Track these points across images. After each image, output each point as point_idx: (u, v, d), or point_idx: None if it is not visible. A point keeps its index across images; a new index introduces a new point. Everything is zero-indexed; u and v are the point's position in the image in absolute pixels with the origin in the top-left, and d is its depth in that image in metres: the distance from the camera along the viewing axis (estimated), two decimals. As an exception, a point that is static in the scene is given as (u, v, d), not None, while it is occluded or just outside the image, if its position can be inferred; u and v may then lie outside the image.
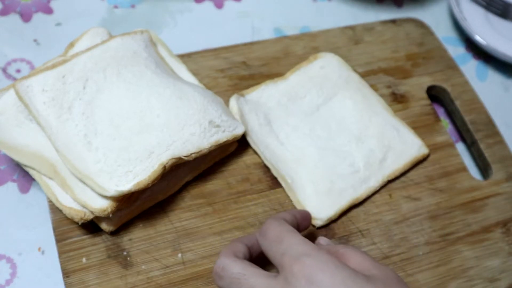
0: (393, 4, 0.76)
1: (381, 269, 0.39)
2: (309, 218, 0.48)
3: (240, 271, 0.39)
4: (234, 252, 0.41)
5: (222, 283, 0.40)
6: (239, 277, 0.39)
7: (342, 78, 0.61)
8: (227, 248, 0.42)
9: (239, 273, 0.39)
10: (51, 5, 0.67)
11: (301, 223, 0.46)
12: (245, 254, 0.42)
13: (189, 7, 0.70)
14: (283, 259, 0.38)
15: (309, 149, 0.55)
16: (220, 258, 0.41)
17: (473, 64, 0.72)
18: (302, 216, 0.47)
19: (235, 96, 0.56)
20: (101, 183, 0.46)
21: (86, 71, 0.50)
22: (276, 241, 0.40)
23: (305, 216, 0.48)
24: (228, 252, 0.41)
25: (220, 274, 0.40)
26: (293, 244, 0.39)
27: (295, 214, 0.46)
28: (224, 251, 0.41)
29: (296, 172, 0.54)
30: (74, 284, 0.46)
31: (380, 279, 0.38)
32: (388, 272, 0.40)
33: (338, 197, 0.53)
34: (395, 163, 0.57)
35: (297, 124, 0.57)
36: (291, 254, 0.38)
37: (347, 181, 0.54)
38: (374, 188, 0.55)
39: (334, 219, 0.53)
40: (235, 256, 0.41)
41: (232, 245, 0.42)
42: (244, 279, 0.38)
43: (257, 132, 0.55)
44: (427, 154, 0.58)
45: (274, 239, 0.40)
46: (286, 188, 0.54)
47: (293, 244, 0.39)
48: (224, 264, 0.40)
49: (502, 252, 0.54)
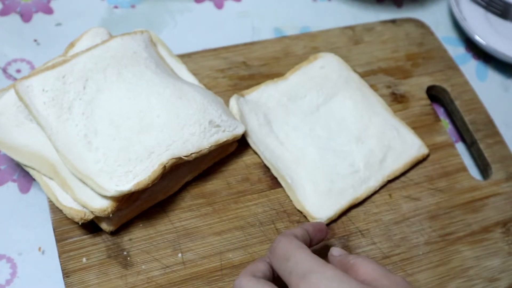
0: (393, 4, 0.76)
1: (391, 279, 0.39)
2: (324, 230, 0.47)
3: None
4: (253, 272, 0.42)
5: None
6: None
7: (342, 78, 0.61)
8: (247, 268, 0.42)
9: None
10: (51, 5, 0.67)
11: (315, 236, 0.46)
12: (266, 272, 0.42)
13: (189, 7, 0.70)
14: (291, 278, 0.39)
15: (309, 149, 0.55)
16: (239, 277, 0.41)
17: (473, 64, 0.72)
18: (315, 228, 0.46)
19: (235, 96, 0.56)
20: (101, 183, 0.46)
21: (86, 71, 0.51)
22: (284, 258, 0.40)
23: (319, 228, 0.47)
24: (246, 272, 0.42)
25: None
26: (299, 261, 0.39)
27: (307, 228, 0.46)
28: (244, 270, 0.42)
29: (296, 172, 0.54)
30: (74, 284, 0.47)
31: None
32: (399, 282, 0.39)
33: (338, 197, 0.53)
34: (395, 163, 0.57)
35: (297, 124, 0.57)
36: (297, 272, 0.39)
37: (347, 181, 0.54)
38: (374, 188, 0.55)
39: (334, 219, 0.53)
40: (252, 276, 0.41)
41: (253, 265, 0.43)
42: None
43: (257, 132, 0.55)
44: (427, 154, 0.58)
45: (282, 257, 0.41)
46: (286, 188, 0.54)
47: (299, 261, 0.39)
48: (240, 284, 0.41)
49: (501, 252, 0.54)
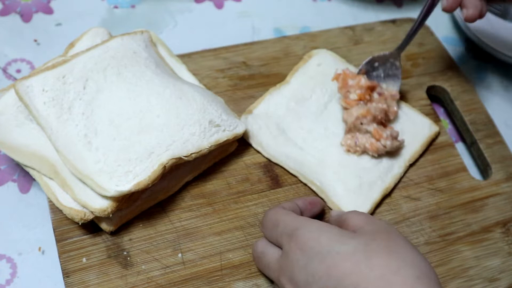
0: (393, 4, 0.76)
1: (374, 224, 0.43)
2: (315, 203, 0.51)
3: (261, 250, 0.46)
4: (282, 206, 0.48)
5: (255, 263, 0.48)
6: (260, 256, 0.46)
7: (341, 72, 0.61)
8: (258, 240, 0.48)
9: (260, 252, 0.46)
10: (51, 5, 0.67)
11: (306, 208, 0.49)
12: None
13: (189, 7, 0.70)
14: (282, 239, 0.44)
15: (329, 149, 0.56)
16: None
17: (473, 64, 0.72)
18: (305, 201, 0.50)
19: (243, 117, 0.57)
20: (101, 183, 0.46)
21: (86, 71, 0.51)
22: (274, 226, 0.45)
23: (310, 201, 0.50)
24: (258, 242, 0.47)
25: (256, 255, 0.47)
26: (287, 223, 0.44)
27: (297, 202, 0.49)
28: (257, 240, 0.48)
29: (323, 174, 0.54)
30: (74, 284, 0.47)
31: (368, 233, 0.41)
32: (381, 224, 0.43)
33: (369, 191, 0.54)
34: (412, 146, 0.58)
35: (310, 126, 0.57)
36: (286, 232, 0.43)
37: (374, 173, 0.55)
38: (399, 175, 0.56)
39: (371, 213, 0.53)
40: (260, 242, 0.47)
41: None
42: (263, 258, 0.46)
43: (274, 145, 0.55)
44: (438, 132, 0.60)
45: (271, 225, 0.45)
46: (318, 191, 0.54)
47: (287, 223, 0.44)
48: (254, 246, 0.47)
49: (501, 252, 0.54)
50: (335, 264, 0.39)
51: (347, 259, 0.39)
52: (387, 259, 0.39)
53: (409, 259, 0.39)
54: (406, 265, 0.38)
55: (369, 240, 0.40)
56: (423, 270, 0.39)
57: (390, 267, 0.38)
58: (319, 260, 0.40)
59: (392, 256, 0.39)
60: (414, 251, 0.40)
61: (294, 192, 0.54)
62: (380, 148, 0.54)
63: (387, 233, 0.41)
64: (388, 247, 0.40)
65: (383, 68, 0.59)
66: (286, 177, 0.55)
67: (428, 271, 0.39)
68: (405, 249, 0.40)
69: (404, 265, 0.38)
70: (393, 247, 0.40)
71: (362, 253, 0.39)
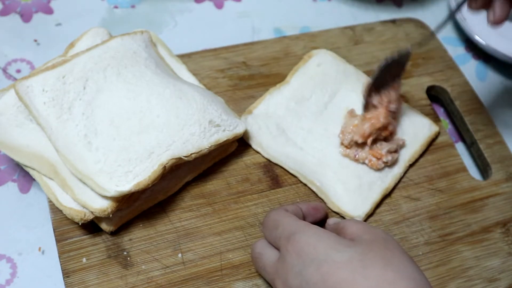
0: (393, 4, 0.76)
1: (371, 233, 0.42)
2: (319, 209, 0.51)
3: (259, 251, 0.46)
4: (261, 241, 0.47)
5: (253, 263, 0.48)
6: (257, 256, 0.46)
7: (340, 72, 0.61)
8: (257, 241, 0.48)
9: (258, 253, 0.46)
10: (51, 5, 0.67)
11: (309, 213, 0.49)
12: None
13: (189, 7, 0.70)
14: (280, 242, 0.44)
15: (329, 149, 0.56)
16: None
17: (473, 64, 0.72)
18: (309, 206, 0.50)
19: (243, 117, 0.57)
20: (101, 183, 0.46)
21: (86, 71, 0.51)
22: (274, 227, 0.45)
23: (313, 206, 0.50)
24: (258, 242, 0.47)
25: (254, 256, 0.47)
26: (286, 226, 0.44)
27: (300, 205, 0.49)
28: (255, 242, 0.48)
29: (323, 174, 0.54)
30: (74, 284, 0.47)
31: (366, 242, 0.41)
32: (378, 233, 0.43)
33: (369, 191, 0.54)
34: (412, 146, 0.58)
35: (310, 126, 0.57)
36: (285, 235, 0.43)
37: (374, 174, 0.55)
38: (399, 175, 0.56)
39: (371, 213, 0.53)
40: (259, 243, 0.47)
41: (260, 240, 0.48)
42: (260, 259, 0.46)
43: (273, 145, 0.56)
44: (438, 132, 0.60)
45: (272, 226, 0.45)
46: (318, 192, 0.54)
47: (286, 226, 0.44)
48: (253, 246, 0.47)
49: (501, 252, 0.54)
50: (330, 272, 0.39)
51: (343, 268, 0.39)
52: (383, 270, 0.38)
53: (405, 271, 0.39)
54: (401, 277, 0.38)
55: (366, 249, 0.40)
56: (419, 283, 0.38)
57: (386, 278, 0.38)
58: (315, 266, 0.40)
59: (388, 267, 0.39)
60: (410, 263, 0.40)
61: (294, 192, 0.54)
62: (380, 165, 0.54)
63: (384, 243, 0.41)
64: (384, 258, 0.40)
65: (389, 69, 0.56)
66: (286, 177, 0.55)
67: (423, 284, 0.39)
68: (401, 260, 0.40)
69: (400, 277, 0.38)
70: (389, 258, 0.40)
71: (358, 262, 0.39)
